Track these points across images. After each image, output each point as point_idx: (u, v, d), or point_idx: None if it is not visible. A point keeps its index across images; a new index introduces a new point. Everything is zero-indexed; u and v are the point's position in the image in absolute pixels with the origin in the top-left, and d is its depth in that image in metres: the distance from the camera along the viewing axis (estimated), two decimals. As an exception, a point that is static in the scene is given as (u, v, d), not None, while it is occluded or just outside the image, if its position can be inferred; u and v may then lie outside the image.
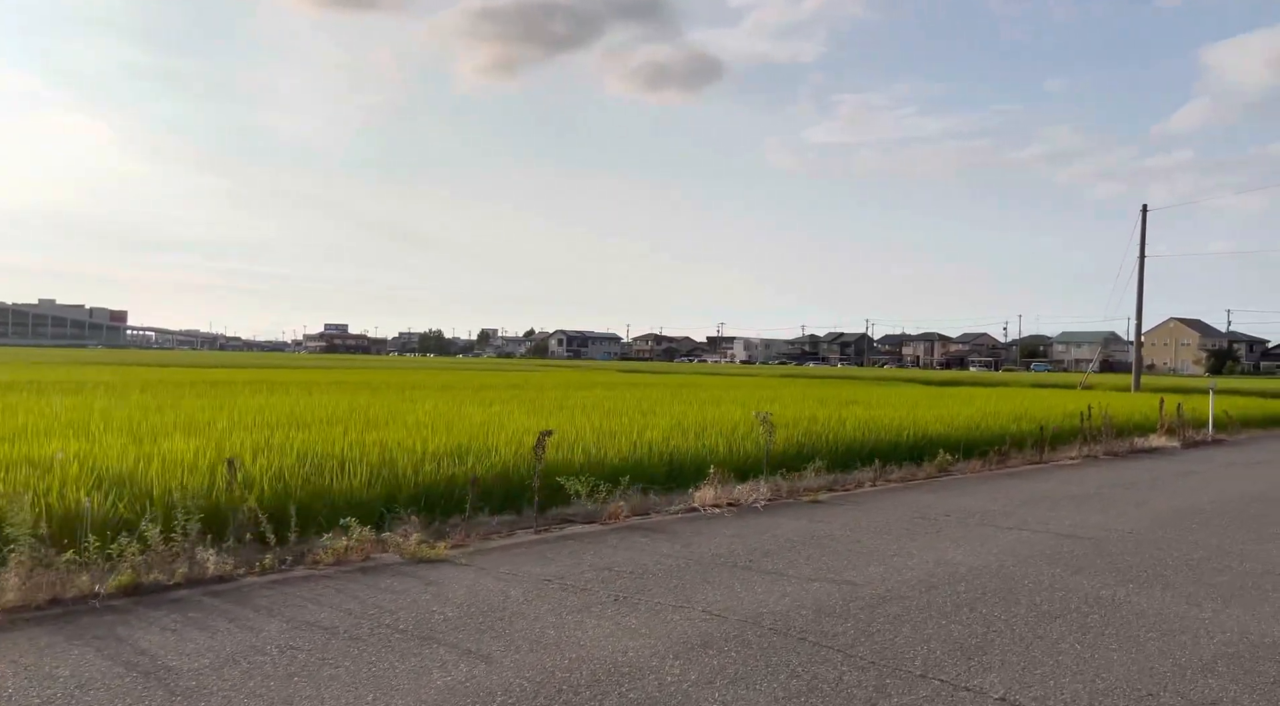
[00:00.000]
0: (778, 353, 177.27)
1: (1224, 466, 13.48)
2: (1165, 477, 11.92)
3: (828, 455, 12.51)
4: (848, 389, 31.62)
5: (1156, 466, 13.30)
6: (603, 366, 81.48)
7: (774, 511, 8.45)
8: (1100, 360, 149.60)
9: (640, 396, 21.44)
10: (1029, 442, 14.25)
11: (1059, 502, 9.46)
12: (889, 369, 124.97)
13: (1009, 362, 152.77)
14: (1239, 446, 17.56)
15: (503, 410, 14.48)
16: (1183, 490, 10.67)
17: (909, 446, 13.99)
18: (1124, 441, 16.14)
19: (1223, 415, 23.27)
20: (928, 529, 7.73)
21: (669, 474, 10.10)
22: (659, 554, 6.45)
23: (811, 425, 13.94)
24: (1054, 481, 11.30)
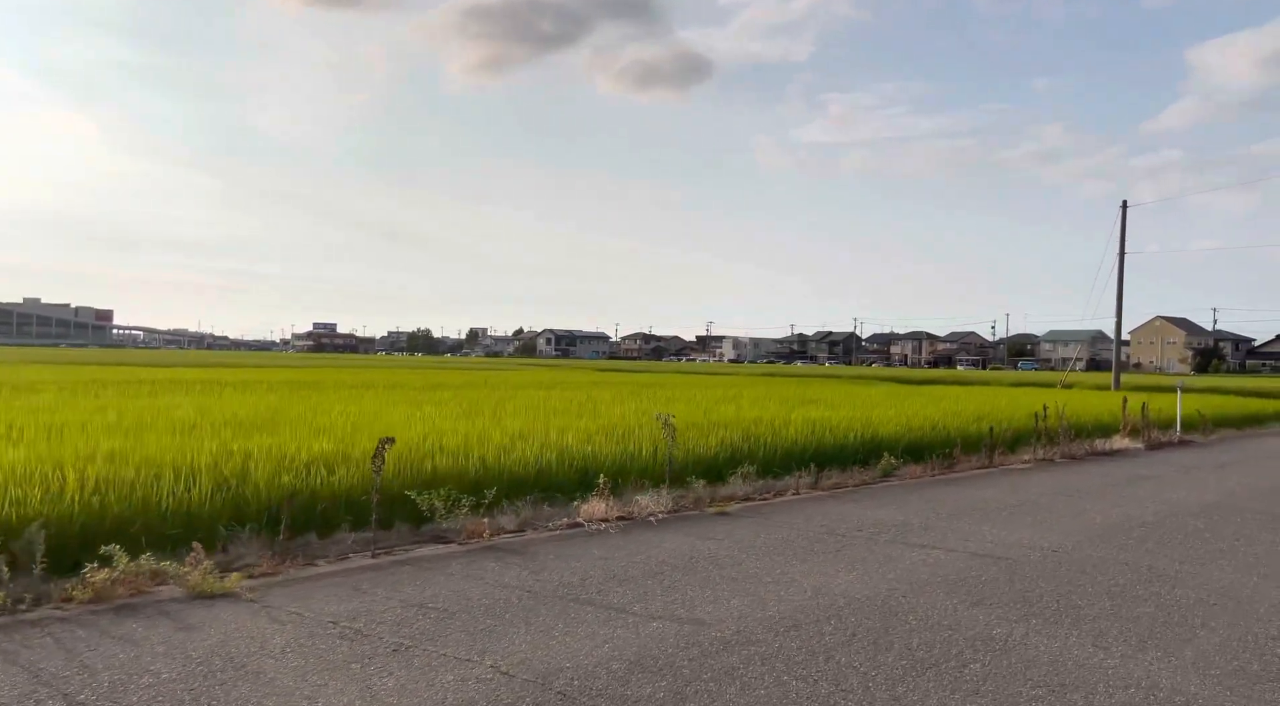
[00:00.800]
0: (766, 352, 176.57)
1: (1182, 471, 12.62)
2: (1116, 483, 11.06)
3: (764, 459, 11.68)
4: (817, 388, 30.77)
5: (1111, 470, 12.44)
6: (582, 365, 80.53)
7: (667, 527, 7.55)
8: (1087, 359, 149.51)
9: (592, 396, 20.56)
10: (981, 445, 13.40)
11: (991, 514, 8.60)
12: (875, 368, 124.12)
13: (996, 361, 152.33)
14: (1206, 448, 16.73)
15: (434, 411, 13.56)
16: (1129, 498, 9.81)
17: (855, 449, 13.15)
18: (1084, 443, 15.30)
19: (1195, 415, 22.48)
20: (829, 547, 6.84)
21: (582, 482, 9.21)
22: (497, 583, 5.55)
23: (754, 427, 13.07)
24: (995, 488, 10.43)
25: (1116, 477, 11.70)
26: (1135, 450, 15.75)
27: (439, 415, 12.83)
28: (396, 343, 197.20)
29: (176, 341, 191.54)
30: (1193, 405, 27.25)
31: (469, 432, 9.64)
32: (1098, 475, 11.95)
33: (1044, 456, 13.94)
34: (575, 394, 21.73)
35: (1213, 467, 13.18)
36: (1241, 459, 14.65)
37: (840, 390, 29.30)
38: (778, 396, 23.78)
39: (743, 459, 11.15)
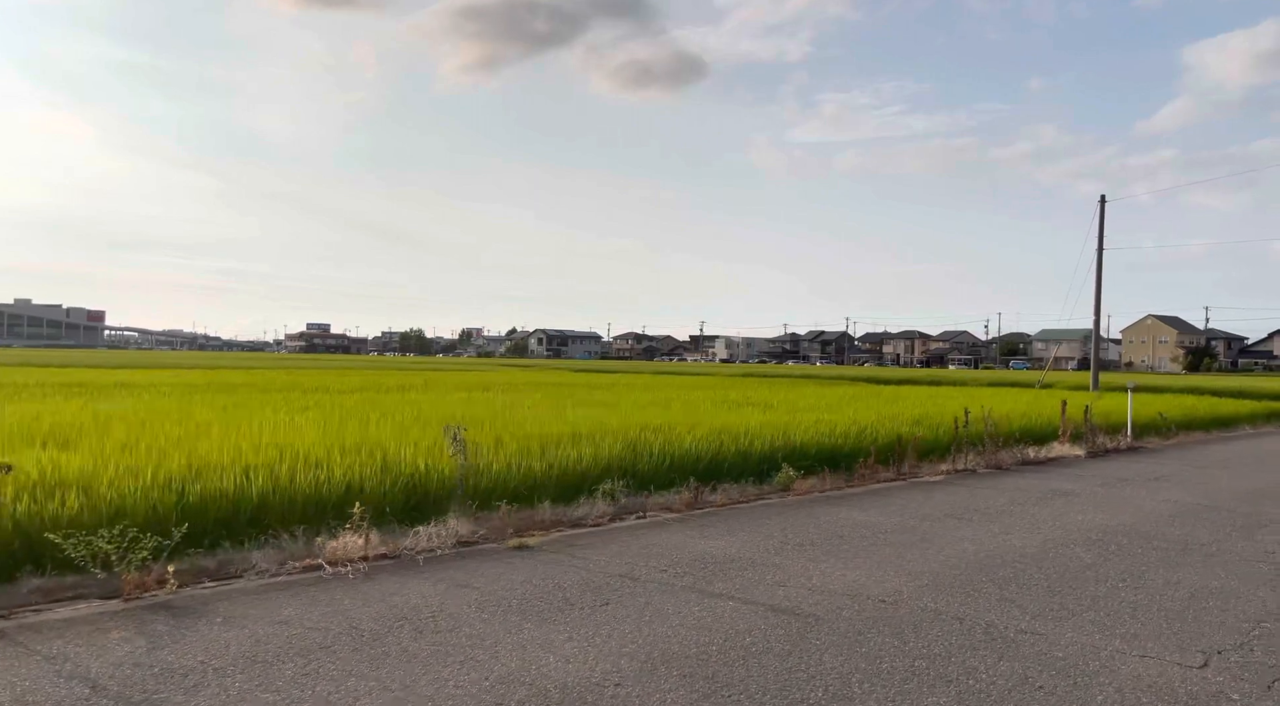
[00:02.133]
0: (759, 352, 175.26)
1: (1109, 485, 11.22)
2: (1023, 501, 9.68)
3: (645, 474, 10.36)
4: (776, 389, 29.37)
5: (1029, 485, 11.05)
6: (561, 365, 79.10)
7: (429, 569, 6.17)
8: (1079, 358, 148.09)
9: (514, 401, 19.22)
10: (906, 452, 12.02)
11: (846, 543, 7.21)
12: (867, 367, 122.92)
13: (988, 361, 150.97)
14: (1155, 455, 15.33)
15: (303, 419, 12.19)
16: (1025, 522, 8.41)
17: (760, 459, 11.83)
18: (1017, 451, 13.91)
19: (1157, 417, 21.13)
20: (593, 601, 5.44)
21: (407, 504, 7.85)
22: (77, 675, 4.19)
23: (642, 433, 11.75)
24: (880, 508, 9.04)
25: (1030, 494, 10.31)
26: (1073, 458, 14.36)
27: (278, 425, 11.46)
28: (389, 343, 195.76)
29: (169, 342, 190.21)
30: (1161, 406, 25.92)
31: (265, 446, 8.24)
32: (1010, 490, 10.56)
33: (965, 466, 12.56)
34: (503, 397, 20.40)
35: (1147, 480, 11.79)
36: (1185, 469, 13.27)
37: (799, 391, 27.93)
38: (724, 398, 22.49)
39: (614, 474, 9.83)
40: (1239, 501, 10.06)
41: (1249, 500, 10.17)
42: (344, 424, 11.03)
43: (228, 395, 17.09)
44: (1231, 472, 12.89)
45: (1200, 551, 7.34)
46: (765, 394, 25.34)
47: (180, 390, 18.79)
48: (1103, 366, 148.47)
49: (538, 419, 13.32)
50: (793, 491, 10.30)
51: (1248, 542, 7.76)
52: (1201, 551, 7.34)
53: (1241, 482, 11.75)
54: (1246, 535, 8.09)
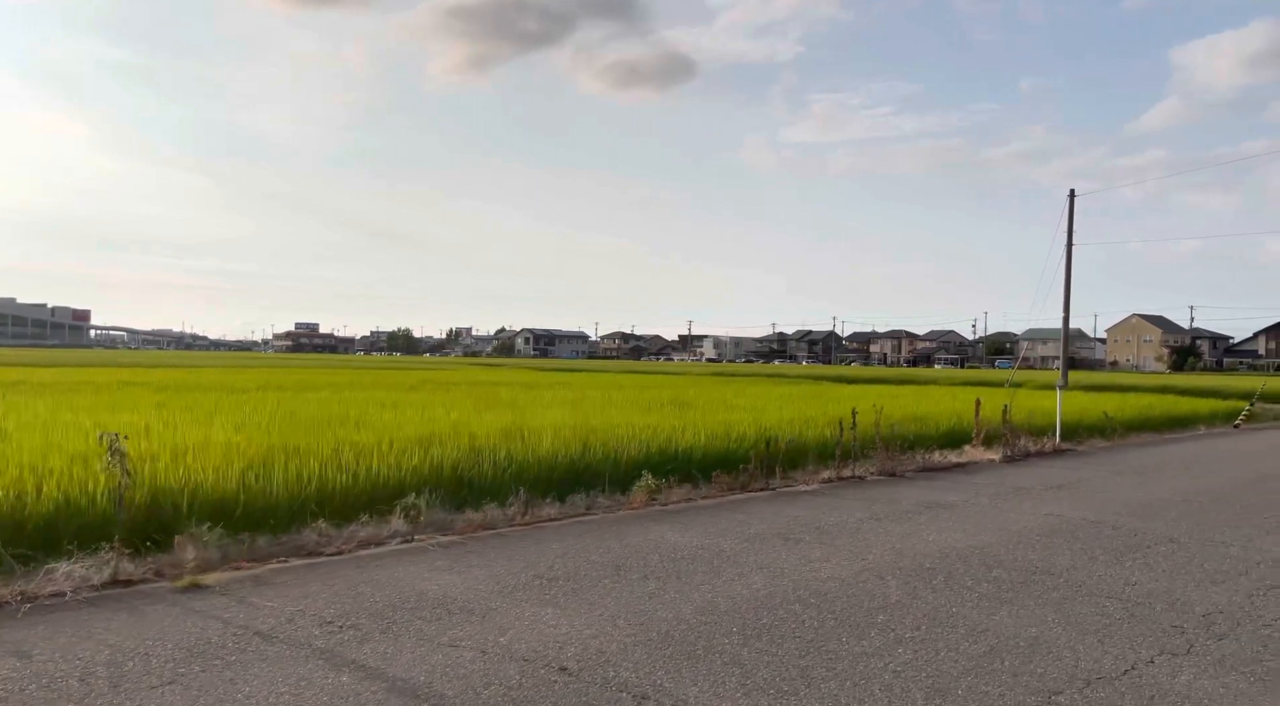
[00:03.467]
0: (747, 351, 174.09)
1: (1001, 496, 9.82)
2: (883, 518, 8.29)
3: (478, 484, 9.05)
4: (720, 389, 28.05)
5: (907, 495, 9.66)
6: (535, 364, 77.67)
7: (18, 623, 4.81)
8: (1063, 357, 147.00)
9: (426, 399, 17.88)
10: (778, 458, 10.67)
11: (601, 580, 5.82)
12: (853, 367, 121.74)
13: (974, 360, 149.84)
14: (1078, 459, 13.94)
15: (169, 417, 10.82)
16: (858, 546, 6.96)
17: (633, 465, 10.55)
18: (921, 456, 12.54)
19: (1103, 417, 19.82)
20: (157, 677, 4.09)
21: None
22: None
23: (505, 440, 10.45)
24: (700, 527, 7.61)
25: (899, 507, 8.93)
26: (986, 463, 13.00)
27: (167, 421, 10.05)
28: (376, 343, 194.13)
29: (156, 342, 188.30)
30: (1119, 405, 24.61)
31: None
32: (881, 503, 9.19)
33: (854, 474, 11.19)
34: (409, 397, 19.06)
35: (1045, 489, 10.42)
36: (1098, 475, 11.90)
37: (746, 390, 26.61)
38: (655, 399, 21.17)
39: (424, 485, 8.50)
40: (1131, 515, 8.70)
41: (1143, 514, 8.81)
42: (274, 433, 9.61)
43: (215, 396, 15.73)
44: (1147, 479, 11.54)
45: (1044, 583, 5.98)
46: (705, 393, 24.01)
47: (95, 390, 17.40)
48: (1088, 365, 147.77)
49: (402, 421, 12.01)
50: (628, 505, 8.95)
51: (1110, 569, 6.41)
52: (1045, 583, 5.98)
53: (1149, 491, 10.39)
54: (1115, 560, 6.74)
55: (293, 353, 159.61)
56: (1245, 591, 5.96)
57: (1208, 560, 6.87)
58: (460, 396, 19.76)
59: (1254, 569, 6.64)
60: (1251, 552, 7.19)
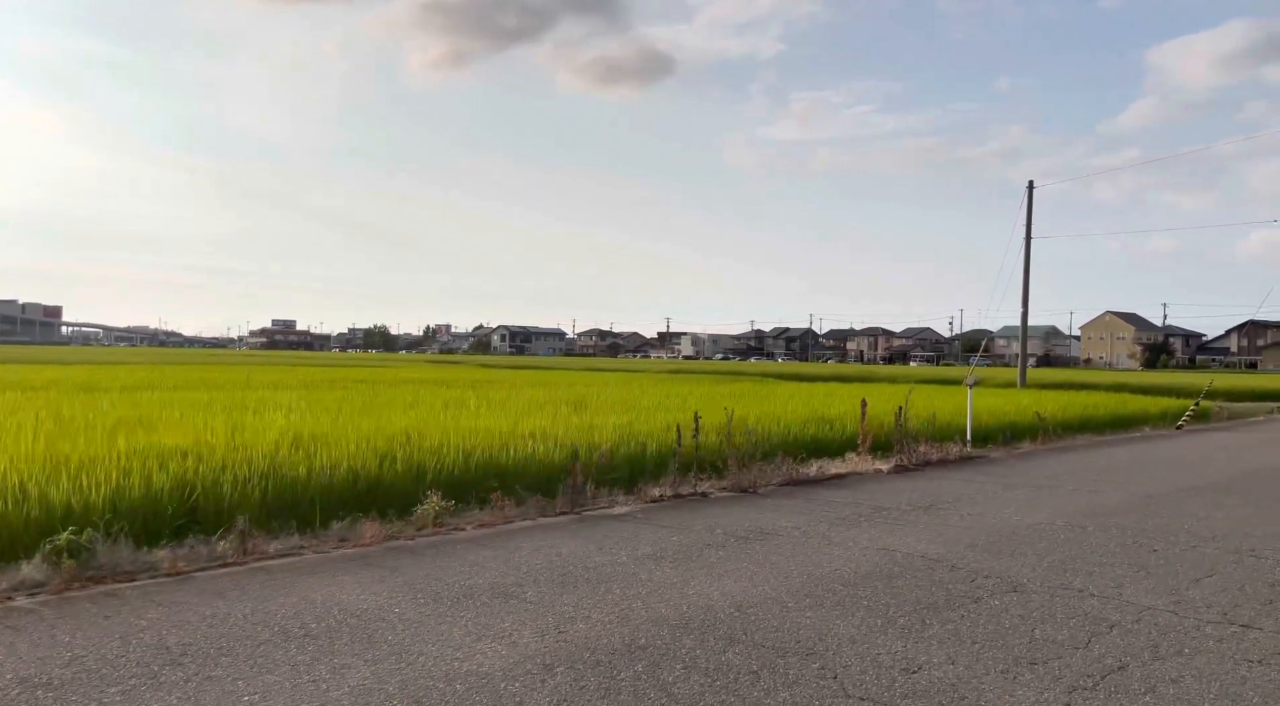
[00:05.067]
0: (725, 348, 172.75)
1: (844, 522, 7.90)
2: (667, 556, 6.41)
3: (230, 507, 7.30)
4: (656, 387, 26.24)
5: (727, 521, 7.73)
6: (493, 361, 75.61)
7: None
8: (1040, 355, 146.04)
9: (295, 402, 16.05)
10: (590, 473, 8.85)
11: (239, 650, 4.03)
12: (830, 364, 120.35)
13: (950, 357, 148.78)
14: (980, 468, 12.12)
15: None
16: (578, 609, 5.03)
17: (442, 481, 8.85)
18: (793, 466, 10.72)
19: (1034, 418, 18.12)
20: None
21: None
22: None
23: (296, 452, 8.76)
24: (399, 580, 5.79)
25: (709, 538, 7.09)
26: (870, 474, 11.20)
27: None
28: (352, 340, 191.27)
29: (129, 339, 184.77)
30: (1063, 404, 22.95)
31: None
32: (696, 531, 7.35)
33: (694, 491, 9.38)
34: (287, 397, 17.23)
35: (909, 511, 8.61)
36: (985, 490, 10.13)
37: (668, 389, 24.81)
38: (564, 398, 19.43)
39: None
40: (985, 550, 6.91)
41: (1002, 546, 6.98)
42: None
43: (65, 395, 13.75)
44: (1040, 495, 9.74)
45: (784, 675, 4.15)
46: (622, 393, 22.21)
47: None
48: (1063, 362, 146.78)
49: (185, 428, 10.22)
50: (447, 526, 7.12)
51: (897, 645, 4.59)
52: (786, 675, 4.15)
53: (1030, 513, 8.57)
54: (914, 627, 4.92)
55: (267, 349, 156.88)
56: (1069, 682, 4.17)
57: (1048, 621, 5.09)
58: (339, 397, 17.89)
59: (1101, 636, 4.85)
60: (1110, 608, 5.41)
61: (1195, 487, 10.61)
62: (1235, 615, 5.37)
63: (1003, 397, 24.24)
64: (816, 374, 53.14)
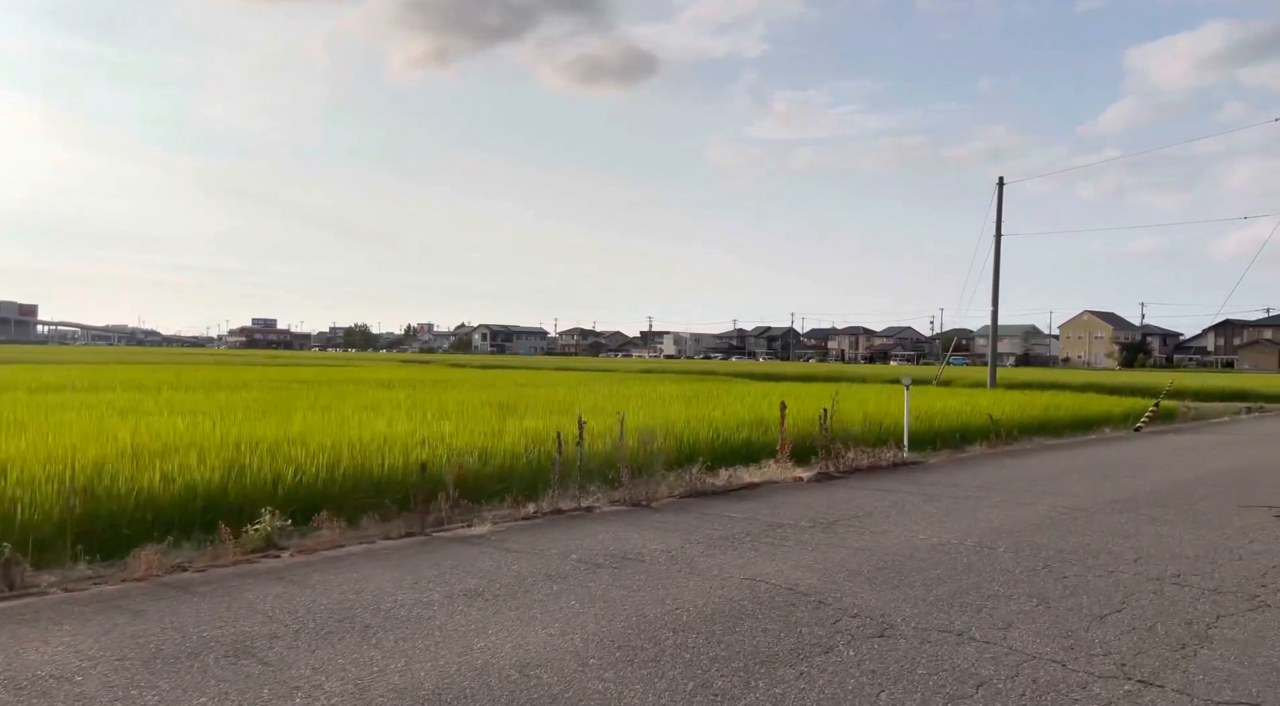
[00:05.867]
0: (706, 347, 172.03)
1: (730, 543, 6.98)
2: (483, 593, 5.42)
3: None
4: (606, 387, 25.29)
5: (587, 544, 6.73)
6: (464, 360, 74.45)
7: None
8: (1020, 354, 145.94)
9: (195, 404, 15.10)
10: (444, 488, 7.89)
11: None
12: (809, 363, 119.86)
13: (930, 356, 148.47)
14: (907, 477, 11.19)
15: None
16: (298, 675, 4.22)
17: (303, 493, 7.95)
18: (701, 476, 9.78)
19: (987, 420, 17.28)
20: None
21: None
22: None
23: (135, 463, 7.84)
24: (174, 614, 4.85)
25: (561, 565, 6.13)
26: (786, 484, 10.28)
27: None
28: (333, 339, 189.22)
29: (107, 338, 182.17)
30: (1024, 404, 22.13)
31: None
32: (550, 558, 6.38)
33: (578, 505, 8.42)
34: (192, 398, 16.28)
35: (806, 529, 7.65)
36: (905, 505, 9.22)
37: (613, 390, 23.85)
38: (492, 400, 18.53)
39: None
40: (868, 580, 5.92)
41: (889, 575, 6.00)
42: None
43: None
44: (960, 508, 8.78)
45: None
46: (561, 394, 21.24)
47: None
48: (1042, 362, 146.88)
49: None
50: (130, 574, 6.10)
51: None
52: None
53: (941, 530, 7.60)
54: (727, 696, 3.96)
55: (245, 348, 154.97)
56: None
57: (903, 679, 4.16)
58: (250, 399, 16.88)
59: (961, 701, 3.93)
60: (987, 658, 4.49)
61: (1132, 498, 9.73)
62: (1135, 666, 4.47)
63: (964, 398, 23.42)
64: (787, 373, 52.35)
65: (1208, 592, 5.91)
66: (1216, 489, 10.61)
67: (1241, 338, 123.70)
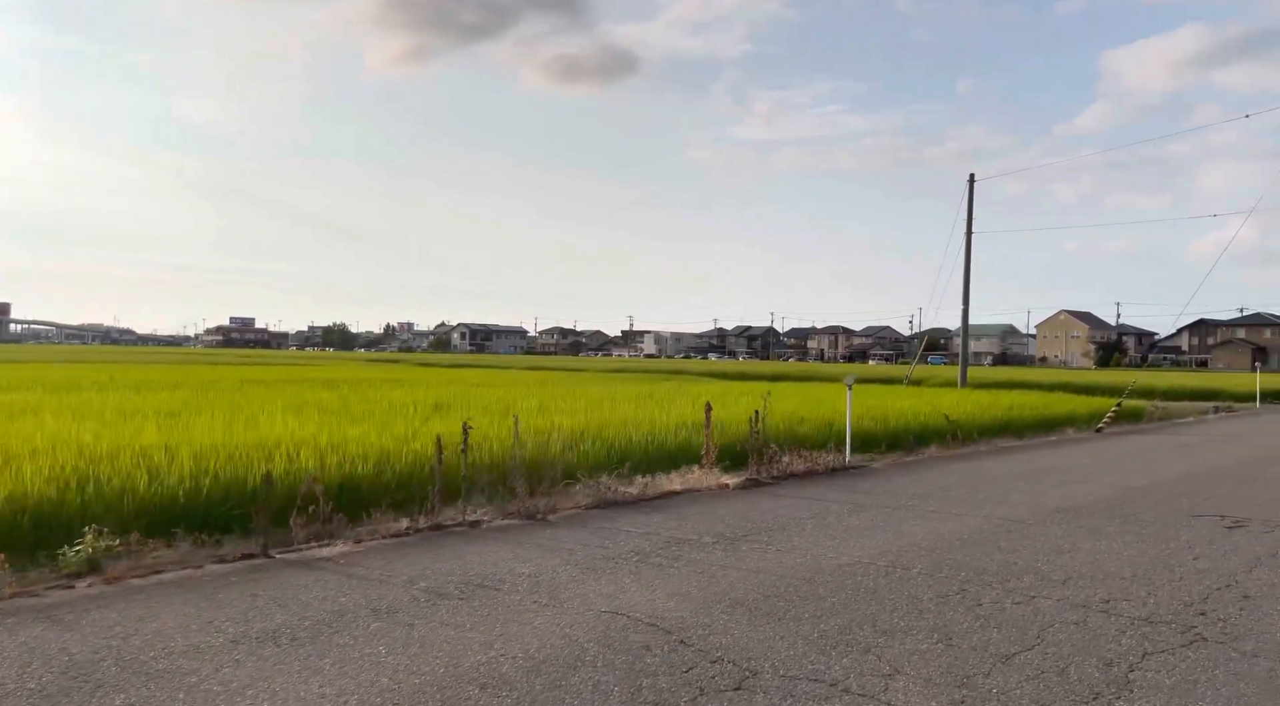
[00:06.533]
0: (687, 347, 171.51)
1: (611, 563, 6.10)
2: (273, 635, 4.56)
3: None
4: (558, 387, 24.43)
5: (440, 568, 5.90)
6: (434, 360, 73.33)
7: None
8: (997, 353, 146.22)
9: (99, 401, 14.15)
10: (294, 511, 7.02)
11: None
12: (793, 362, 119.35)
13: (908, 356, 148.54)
14: (843, 484, 10.40)
15: None
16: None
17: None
18: (605, 484, 8.95)
19: (943, 420, 16.55)
20: None
21: None
22: None
23: None
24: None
25: (402, 596, 5.28)
26: (710, 491, 9.47)
27: None
28: (311, 338, 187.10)
29: (81, 336, 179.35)
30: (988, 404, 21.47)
31: None
32: (395, 585, 5.55)
33: (463, 519, 7.56)
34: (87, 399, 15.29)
35: (708, 545, 6.82)
36: (828, 516, 8.44)
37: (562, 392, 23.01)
38: (419, 400, 17.68)
39: None
40: (745, 613, 5.08)
41: (772, 608, 5.15)
42: None
43: None
44: (889, 520, 7.94)
45: None
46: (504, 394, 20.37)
47: None
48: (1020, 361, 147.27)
49: None
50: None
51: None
52: None
53: (855, 548, 6.79)
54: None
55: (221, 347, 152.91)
56: None
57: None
58: (167, 400, 15.92)
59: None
60: (854, 719, 3.69)
61: (1077, 507, 8.98)
62: (1033, 726, 3.68)
63: (928, 398, 22.73)
64: (760, 372, 51.62)
65: (1138, 622, 5.14)
66: (1169, 495, 9.89)
67: (1215, 337, 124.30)
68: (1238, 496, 9.93)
